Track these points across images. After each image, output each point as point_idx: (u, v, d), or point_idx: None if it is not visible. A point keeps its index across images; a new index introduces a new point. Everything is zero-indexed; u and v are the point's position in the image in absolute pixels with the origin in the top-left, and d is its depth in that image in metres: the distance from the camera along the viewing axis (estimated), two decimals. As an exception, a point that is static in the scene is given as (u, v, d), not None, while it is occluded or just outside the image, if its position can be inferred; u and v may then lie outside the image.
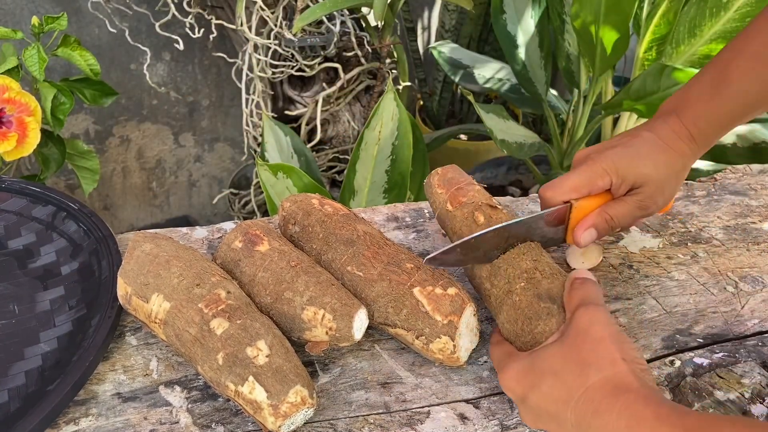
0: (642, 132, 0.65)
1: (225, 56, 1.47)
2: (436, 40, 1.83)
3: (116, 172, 1.68)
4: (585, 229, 0.63)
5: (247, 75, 1.39)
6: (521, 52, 1.36)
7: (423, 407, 0.57)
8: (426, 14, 1.90)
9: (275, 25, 1.28)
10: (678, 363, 0.61)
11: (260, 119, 1.39)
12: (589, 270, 0.68)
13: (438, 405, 0.57)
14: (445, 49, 1.54)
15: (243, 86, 1.39)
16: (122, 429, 0.54)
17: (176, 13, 1.33)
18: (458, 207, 0.66)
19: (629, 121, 1.37)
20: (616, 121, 1.41)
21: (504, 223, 0.60)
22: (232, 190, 1.58)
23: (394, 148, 1.09)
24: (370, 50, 1.37)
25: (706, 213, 0.78)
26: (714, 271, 0.70)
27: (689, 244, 0.74)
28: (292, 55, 1.33)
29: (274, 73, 1.34)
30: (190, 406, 0.56)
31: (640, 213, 0.64)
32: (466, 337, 0.59)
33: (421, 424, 0.56)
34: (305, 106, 1.40)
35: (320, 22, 1.33)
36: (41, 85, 1.07)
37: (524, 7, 1.36)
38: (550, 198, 0.63)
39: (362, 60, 1.36)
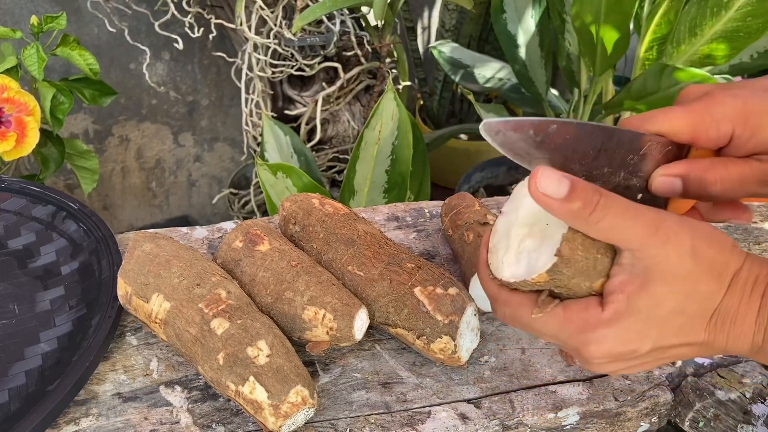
0: None
1: (224, 56, 1.47)
2: (436, 40, 1.82)
3: (115, 171, 1.68)
4: (668, 175, 0.45)
5: (246, 74, 1.39)
6: (521, 52, 1.36)
7: (424, 407, 0.57)
8: (426, 14, 1.90)
9: (275, 25, 1.28)
10: (679, 362, 0.61)
11: (260, 119, 1.39)
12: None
13: (439, 405, 0.57)
14: (446, 48, 1.54)
15: (242, 86, 1.39)
16: (123, 429, 0.54)
17: (176, 13, 1.33)
18: (455, 231, 0.68)
19: (629, 120, 1.37)
20: (616, 121, 1.40)
21: (577, 121, 0.44)
22: (231, 189, 1.58)
23: (394, 147, 1.09)
24: (370, 50, 1.37)
25: (706, 213, 0.78)
26: (715, 271, 0.70)
27: (690, 243, 0.74)
28: (292, 54, 1.32)
29: (273, 72, 1.33)
30: (190, 406, 0.56)
31: (756, 188, 0.46)
32: (467, 337, 0.58)
33: (422, 423, 0.56)
34: (305, 106, 1.40)
35: (320, 22, 1.32)
36: (40, 85, 1.07)
37: (524, 6, 1.36)
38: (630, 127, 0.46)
39: (362, 59, 1.36)
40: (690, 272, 0.41)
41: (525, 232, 0.45)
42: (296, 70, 1.34)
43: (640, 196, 0.47)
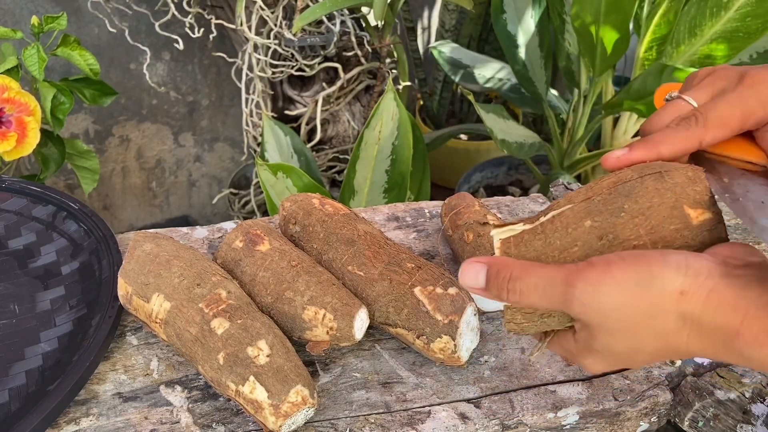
0: None
1: (225, 56, 1.47)
2: (436, 40, 1.82)
3: (116, 172, 1.68)
4: None
5: (246, 75, 1.39)
6: (521, 52, 1.36)
7: (424, 407, 0.57)
8: (426, 14, 1.90)
9: (275, 25, 1.28)
10: (678, 362, 0.61)
11: (260, 119, 1.39)
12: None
13: (439, 404, 0.57)
14: (446, 48, 1.54)
15: (243, 86, 1.39)
16: (123, 429, 0.54)
17: (176, 13, 1.33)
18: (455, 231, 0.69)
19: (629, 121, 1.37)
20: (616, 121, 1.41)
21: None
22: (231, 189, 1.58)
23: (394, 147, 1.09)
24: (370, 50, 1.37)
25: (706, 213, 0.78)
26: (714, 271, 0.70)
27: (690, 243, 0.74)
28: (292, 54, 1.32)
29: (273, 72, 1.33)
30: (190, 405, 0.56)
31: None
32: (467, 337, 0.59)
33: (422, 423, 0.56)
34: (305, 106, 1.40)
35: (320, 22, 1.32)
36: (41, 85, 1.07)
37: (524, 6, 1.36)
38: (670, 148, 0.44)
39: (362, 60, 1.36)
40: (625, 326, 0.40)
41: None
42: (296, 71, 1.34)
43: None
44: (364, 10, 1.35)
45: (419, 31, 1.90)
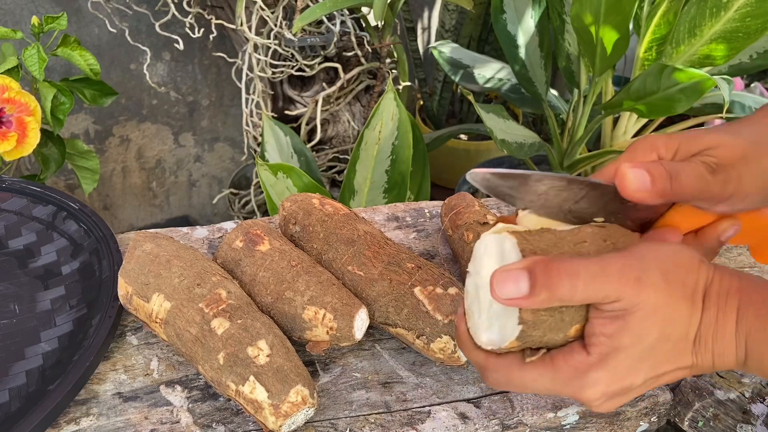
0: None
1: (225, 56, 1.47)
2: (436, 40, 1.83)
3: (116, 172, 1.68)
4: (635, 168, 0.44)
5: (247, 75, 1.39)
6: (521, 52, 1.36)
7: (424, 407, 0.57)
8: (426, 14, 1.90)
9: (275, 25, 1.28)
10: (678, 362, 0.61)
11: (260, 119, 1.39)
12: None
13: (439, 404, 0.57)
14: (446, 48, 1.54)
15: (243, 86, 1.39)
16: (123, 428, 0.54)
17: (176, 13, 1.33)
18: (455, 231, 0.69)
19: (629, 121, 1.37)
20: (616, 121, 1.41)
21: (561, 174, 0.45)
22: (232, 190, 1.58)
23: (394, 148, 1.09)
24: (370, 50, 1.37)
25: (706, 213, 0.78)
26: (714, 271, 0.70)
27: (689, 243, 0.74)
28: (292, 54, 1.33)
29: (274, 72, 1.34)
30: (190, 405, 0.56)
31: (711, 180, 0.45)
32: (467, 337, 0.59)
33: (422, 423, 0.56)
34: (305, 106, 1.40)
35: (320, 22, 1.32)
36: (41, 85, 1.07)
37: (524, 7, 1.36)
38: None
39: (362, 60, 1.36)
40: (666, 300, 0.41)
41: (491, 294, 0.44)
42: (296, 71, 1.34)
43: None
44: (364, 10, 1.35)
45: (419, 31, 1.90)
